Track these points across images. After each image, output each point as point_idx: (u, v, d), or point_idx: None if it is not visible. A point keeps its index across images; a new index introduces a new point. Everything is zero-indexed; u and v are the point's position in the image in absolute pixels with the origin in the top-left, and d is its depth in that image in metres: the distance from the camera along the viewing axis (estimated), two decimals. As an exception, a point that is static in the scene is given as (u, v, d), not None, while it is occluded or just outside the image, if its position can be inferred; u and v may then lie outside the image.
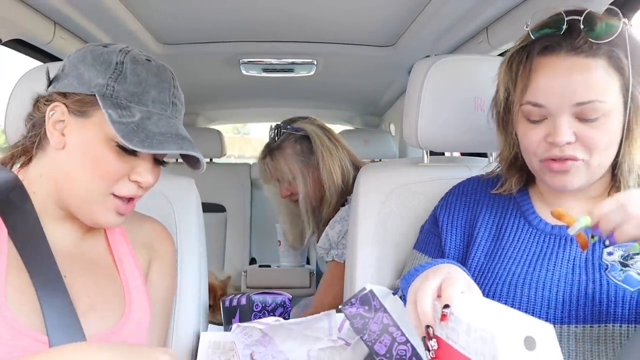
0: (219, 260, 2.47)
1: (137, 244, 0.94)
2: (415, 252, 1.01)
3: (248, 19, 1.56)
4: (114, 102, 0.78)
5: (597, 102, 0.75)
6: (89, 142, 0.79)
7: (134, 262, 0.91)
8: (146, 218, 1.00)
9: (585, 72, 0.76)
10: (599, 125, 0.76)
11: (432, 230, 0.99)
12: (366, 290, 0.80)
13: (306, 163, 1.62)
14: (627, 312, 0.74)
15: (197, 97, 2.61)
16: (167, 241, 1.00)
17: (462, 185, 1.00)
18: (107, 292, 0.86)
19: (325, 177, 1.58)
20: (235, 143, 5.88)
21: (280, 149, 1.64)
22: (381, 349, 0.77)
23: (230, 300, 1.20)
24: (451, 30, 1.49)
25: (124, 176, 0.81)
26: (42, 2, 1.26)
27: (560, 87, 0.76)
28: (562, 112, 0.77)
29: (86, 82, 0.79)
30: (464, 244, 0.92)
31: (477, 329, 0.57)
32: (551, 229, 0.84)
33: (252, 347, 0.89)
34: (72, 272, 0.82)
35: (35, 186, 0.83)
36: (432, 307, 0.64)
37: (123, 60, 0.80)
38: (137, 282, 0.90)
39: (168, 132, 0.80)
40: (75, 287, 0.81)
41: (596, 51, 0.76)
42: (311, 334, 0.87)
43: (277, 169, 1.65)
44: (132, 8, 1.43)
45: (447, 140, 1.11)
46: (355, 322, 0.79)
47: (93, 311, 0.82)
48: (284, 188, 1.68)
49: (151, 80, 0.81)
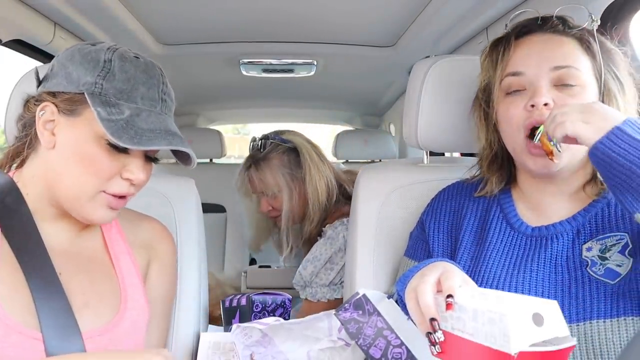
0: (219, 261, 2.47)
1: (135, 243, 0.94)
2: (405, 259, 1.01)
3: (248, 19, 1.56)
4: (103, 100, 0.77)
5: (572, 68, 0.79)
6: (79, 140, 0.79)
7: (131, 261, 0.91)
8: (145, 217, 1.00)
9: (560, 43, 0.81)
10: (576, 94, 0.79)
11: (420, 236, 1.00)
12: (359, 295, 0.80)
13: (293, 176, 1.57)
14: (610, 307, 0.74)
15: (197, 97, 2.61)
16: (166, 241, 0.99)
17: (446, 190, 1.01)
18: (102, 289, 0.85)
19: (310, 192, 1.53)
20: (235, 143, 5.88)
21: (266, 160, 1.59)
22: (376, 353, 0.77)
23: (230, 300, 1.20)
24: (451, 30, 1.49)
25: (116, 174, 0.80)
26: (42, 2, 1.26)
27: (537, 54, 0.81)
28: (541, 77, 0.80)
29: (75, 81, 0.79)
30: (450, 249, 0.94)
31: (485, 312, 0.58)
32: (532, 231, 0.85)
33: (252, 347, 0.89)
34: (68, 269, 0.82)
35: (29, 187, 0.83)
36: (434, 301, 0.65)
37: (111, 57, 0.80)
38: (134, 281, 0.89)
39: (158, 129, 0.79)
40: (70, 284, 0.81)
41: (568, 32, 0.82)
42: (311, 334, 0.87)
43: (262, 181, 1.59)
44: (132, 8, 1.43)
45: (447, 140, 1.11)
46: (350, 327, 0.79)
47: (87, 308, 0.81)
48: (265, 202, 1.62)
49: (140, 77, 0.80)
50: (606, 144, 0.67)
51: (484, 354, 0.57)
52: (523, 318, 0.55)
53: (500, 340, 0.56)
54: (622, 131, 0.67)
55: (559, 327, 0.57)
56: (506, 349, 0.55)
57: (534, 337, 0.55)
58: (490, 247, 0.87)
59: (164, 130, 0.80)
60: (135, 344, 0.86)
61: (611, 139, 0.67)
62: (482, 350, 0.58)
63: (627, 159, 0.66)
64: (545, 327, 0.56)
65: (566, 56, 0.80)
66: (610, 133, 0.67)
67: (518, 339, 0.54)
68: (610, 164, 0.67)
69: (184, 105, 2.72)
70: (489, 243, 0.87)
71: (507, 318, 0.55)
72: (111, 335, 0.82)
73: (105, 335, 0.82)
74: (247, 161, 1.64)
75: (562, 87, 0.79)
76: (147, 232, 0.97)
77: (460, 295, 0.63)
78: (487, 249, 0.87)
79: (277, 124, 3.18)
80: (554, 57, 0.80)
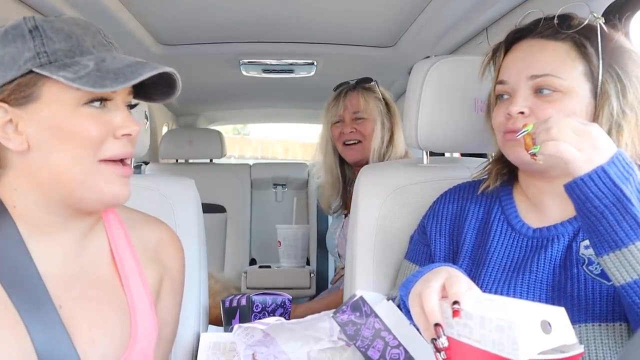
0: (219, 261, 2.47)
1: (145, 257, 0.84)
2: (406, 262, 1.01)
3: (248, 20, 1.56)
4: (58, 65, 0.68)
5: (551, 76, 0.79)
6: (52, 123, 0.69)
7: (141, 282, 0.81)
8: (154, 224, 0.90)
9: (543, 50, 0.81)
10: (554, 101, 0.78)
11: (421, 239, 0.99)
12: (356, 297, 0.80)
13: (385, 117, 1.68)
14: (605, 310, 0.74)
15: (198, 97, 2.61)
16: (177, 254, 0.91)
17: (448, 193, 1.00)
18: (111, 322, 0.76)
19: (395, 140, 1.67)
20: (235, 144, 5.88)
21: (372, 91, 1.69)
22: (374, 354, 0.77)
23: (230, 301, 1.20)
24: (451, 31, 1.49)
25: (106, 136, 0.71)
26: (42, 2, 1.26)
27: (519, 62, 0.83)
28: (519, 86, 0.81)
29: (11, 64, 0.68)
30: (452, 252, 0.93)
31: (493, 319, 0.57)
32: (533, 233, 0.85)
33: (254, 347, 0.89)
34: (69, 299, 0.73)
35: (15, 199, 0.72)
36: (439, 306, 0.64)
37: (35, 25, 0.70)
38: (144, 306, 0.80)
39: (130, 63, 0.70)
40: (74, 318, 0.72)
41: (559, 36, 0.81)
42: (312, 334, 0.87)
43: (366, 101, 1.66)
44: (132, 8, 1.43)
45: (447, 141, 1.11)
46: (348, 329, 0.79)
47: (93, 347, 0.73)
48: (352, 125, 1.67)
49: (77, 30, 0.71)
50: (587, 182, 0.66)
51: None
52: (532, 326, 0.55)
53: (508, 348, 0.55)
54: (605, 173, 0.66)
55: (566, 334, 0.56)
56: (514, 356, 0.54)
57: (543, 345, 0.54)
58: (491, 249, 0.87)
59: (135, 62, 0.71)
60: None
61: (593, 179, 0.66)
62: (490, 357, 0.57)
63: (602, 202, 0.66)
64: (553, 335, 0.55)
65: (546, 64, 0.80)
66: (593, 172, 0.66)
67: (527, 347, 0.54)
68: (584, 202, 0.67)
69: (184, 105, 2.72)
70: (491, 245, 0.87)
71: (516, 326, 0.54)
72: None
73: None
74: (353, 84, 1.72)
75: (541, 94, 0.80)
76: (157, 244, 0.88)
77: (467, 301, 0.62)
78: (489, 251, 0.87)
79: (277, 124, 3.18)
80: (533, 66, 0.80)
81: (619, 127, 0.78)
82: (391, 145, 1.67)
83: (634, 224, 0.65)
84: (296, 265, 2.12)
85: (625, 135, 0.78)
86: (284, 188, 2.77)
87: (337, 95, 1.72)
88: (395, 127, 1.68)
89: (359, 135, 1.65)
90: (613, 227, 0.66)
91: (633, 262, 0.65)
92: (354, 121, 1.67)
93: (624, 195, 0.65)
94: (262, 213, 2.69)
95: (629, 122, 0.78)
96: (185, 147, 2.54)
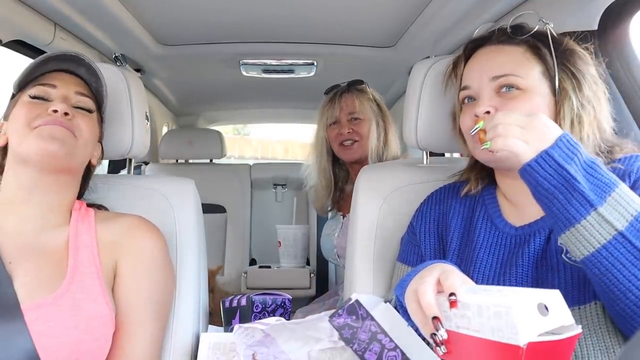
0: (219, 261, 2.47)
1: (103, 240, 0.93)
2: (399, 264, 1.02)
3: (248, 20, 1.56)
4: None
5: (511, 75, 0.84)
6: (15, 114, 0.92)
7: (92, 255, 0.91)
8: (124, 215, 0.98)
9: (501, 54, 0.87)
10: (517, 97, 0.83)
11: (411, 240, 1.01)
12: (352, 300, 0.80)
13: (379, 117, 1.72)
14: (583, 293, 0.76)
15: (198, 98, 2.61)
16: (139, 236, 0.95)
17: (434, 194, 1.02)
18: (44, 275, 0.87)
19: (389, 140, 1.71)
20: (235, 144, 5.88)
21: (365, 92, 1.73)
22: (371, 357, 0.77)
23: (230, 301, 1.20)
24: (451, 31, 1.49)
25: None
26: (42, 3, 1.26)
27: (480, 67, 0.88)
28: (483, 88, 0.86)
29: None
30: (441, 251, 0.95)
31: (490, 307, 0.58)
32: (515, 231, 0.87)
33: (254, 347, 0.89)
34: (19, 258, 0.87)
35: (3, 182, 0.93)
36: (435, 300, 0.65)
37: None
38: (89, 270, 0.89)
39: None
40: (16, 271, 0.85)
41: (514, 41, 0.88)
42: (313, 334, 0.87)
43: (361, 102, 1.69)
44: (132, 9, 1.43)
45: (446, 141, 1.11)
46: (344, 333, 0.79)
47: (24, 287, 0.84)
48: (348, 126, 1.69)
49: None
50: (534, 166, 0.72)
51: (492, 349, 0.57)
52: (529, 309, 0.55)
53: (507, 333, 0.56)
54: (549, 155, 0.71)
55: (563, 316, 0.57)
56: (514, 341, 0.55)
57: (541, 327, 0.55)
58: (477, 247, 0.89)
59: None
60: (77, 326, 0.84)
61: (539, 163, 0.71)
62: (490, 345, 0.57)
63: (551, 183, 0.70)
64: (551, 317, 0.56)
65: (505, 65, 0.85)
66: (538, 157, 0.71)
67: (526, 330, 0.54)
68: (535, 186, 0.72)
69: (184, 105, 2.72)
70: (476, 244, 0.89)
71: (514, 310, 0.55)
72: (44, 311, 0.82)
73: (37, 310, 0.82)
74: (346, 86, 1.75)
75: (503, 93, 0.84)
76: (119, 228, 0.95)
77: (463, 292, 0.62)
78: (475, 250, 0.88)
79: (277, 124, 3.17)
80: (493, 68, 0.86)
81: (580, 119, 0.83)
82: (387, 144, 1.70)
83: (582, 200, 0.69)
84: (296, 265, 2.12)
85: (586, 127, 0.83)
86: (284, 188, 2.77)
87: (331, 98, 1.74)
88: (388, 126, 1.72)
89: (356, 135, 1.68)
90: (564, 205, 0.70)
91: (587, 235, 0.68)
92: (350, 122, 1.69)
93: (570, 174, 0.69)
94: (262, 213, 2.69)
95: (588, 114, 0.83)
96: (185, 147, 2.54)
